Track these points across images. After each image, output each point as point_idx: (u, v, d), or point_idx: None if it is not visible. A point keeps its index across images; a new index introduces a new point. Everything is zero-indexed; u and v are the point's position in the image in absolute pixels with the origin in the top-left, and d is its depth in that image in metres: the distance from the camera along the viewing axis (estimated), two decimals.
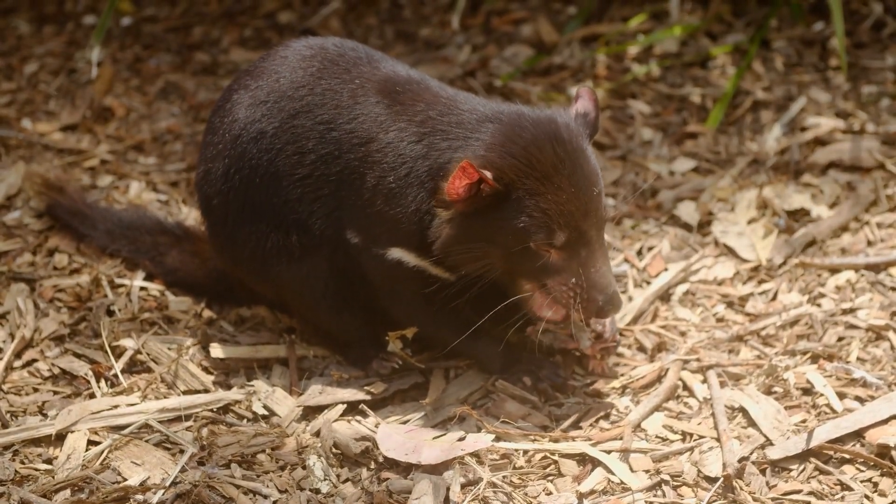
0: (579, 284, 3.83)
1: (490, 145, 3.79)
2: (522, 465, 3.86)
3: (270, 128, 4.04)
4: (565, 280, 3.84)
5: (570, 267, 3.83)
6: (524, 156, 3.76)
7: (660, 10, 5.77)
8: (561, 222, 3.77)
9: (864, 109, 5.18)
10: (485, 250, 3.84)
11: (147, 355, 4.26)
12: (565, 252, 3.81)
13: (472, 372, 4.17)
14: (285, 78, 4.07)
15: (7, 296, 4.43)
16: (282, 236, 4.06)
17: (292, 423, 4.03)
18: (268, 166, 4.04)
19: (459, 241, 3.84)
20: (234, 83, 4.19)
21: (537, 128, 3.80)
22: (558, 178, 3.76)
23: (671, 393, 4.08)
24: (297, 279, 4.10)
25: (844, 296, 4.37)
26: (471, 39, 5.80)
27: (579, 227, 3.79)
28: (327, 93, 4.03)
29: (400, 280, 4.03)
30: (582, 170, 3.79)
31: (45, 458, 3.91)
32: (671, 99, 5.38)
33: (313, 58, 4.09)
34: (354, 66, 4.06)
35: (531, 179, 3.75)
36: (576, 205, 3.77)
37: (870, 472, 3.78)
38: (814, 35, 5.58)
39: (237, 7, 6.10)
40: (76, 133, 5.35)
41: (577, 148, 3.81)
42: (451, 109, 3.91)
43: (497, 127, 3.82)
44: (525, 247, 3.80)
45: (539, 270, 3.85)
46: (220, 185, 4.11)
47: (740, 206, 4.77)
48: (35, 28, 6.01)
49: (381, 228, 3.96)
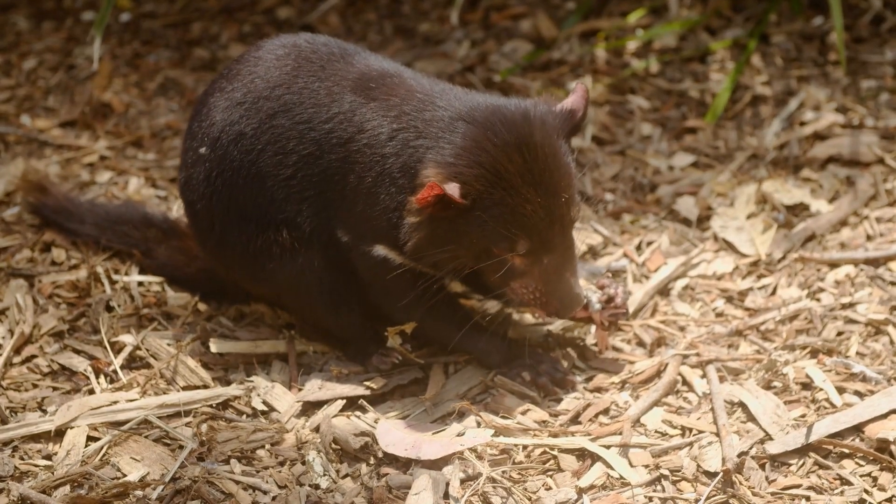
0: (538, 289, 3.86)
1: (459, 151, 3.77)
2: (522, 461, 3.86)
3: (249, 129, 4.04)
4: (526, 284, 3.87)
5: (532, 272, 3.86)
6: (491, 164, 3.74)
7: (659, 4, 5.76)
8: (524, 232, 3.78)
9: (863, 104, 5.18)
10: (454, 252, 3.84)
11: (146, 351, 4.26)
12: (528, 258, 3.84)
13: (471, 367, 4.17)
14: (261, 78, 4.06)
15: (6, 292, 4.43)
16: (272, 234, 4.05)
17: (292, 419, 4.03)
18: (250, 167, 4.03)
19: (430, 244, 3.84)
20: (209, 87, 4.19)
21: (509, 130, 3.77)
22: (525, 188, 3.76)
23: (670, 388, 4.08)
24: (292, 276, 4.09)
25: (844, 290, 4.37)
26: (470, 35, 5.79)
27: (543, 235, 3.80)
28: (304, 91, 4.02)
29: (389, 276, 4.02)
30: (551, 176, 3.78)
31: (44, 454, 3.91)
32: (670, 94, 5.38)
33: (287, 56, 4.08)
34: (329, 63, 4.05)
35: (497, 189, 3.75)
36: (541, 213, 3.78)
37: (869, 466, 3.78)
38: (813, 30, 5.58)
39: (236, 3, 6.10)
40: (75, 129, 5.35)
41: (548, 152, 3.79)
42: (425, 105, 3.89)
43: (469, 129, 3.80)
44: (486, 253, 3.82)
45: (504, 274, 3.86)
46: (202, 190, 4.11)
47: (739, 201, 4.77)
48: (34, 24, 6.00)
49: (366, 227, 3.96)
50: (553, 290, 3.87)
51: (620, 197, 4.88)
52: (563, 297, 3.88)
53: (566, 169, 3.82)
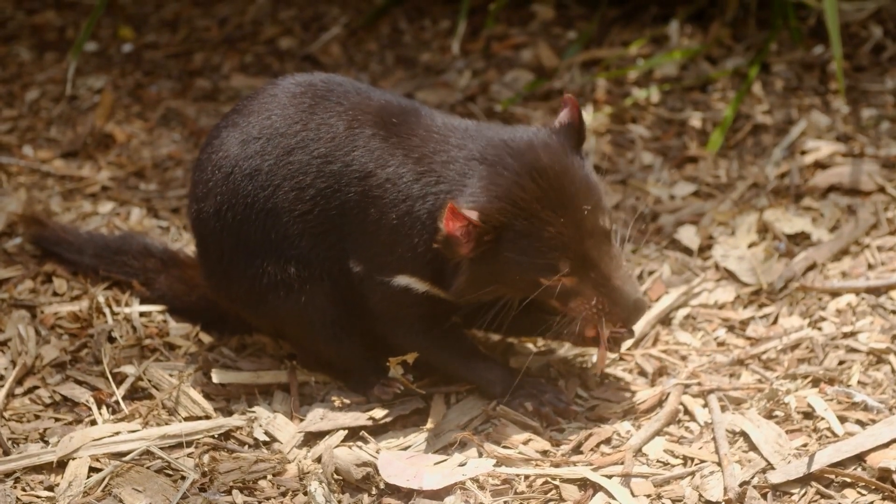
0: (600, 302, 3.87)
1: (477, 190, 3.82)
2: (524, 490, 3.85)
3: (266, 165, 4.05)
4: (586, 302, 3.88)
5: (586, 289, 3.87)
6: (508, 196, 3.79)
7: (659, 34, 5.78)
8: (559, 253, 3.80)
9: (863, 133, 5.19)
10: (500, 290, 3.88)
11: (148, 382, 4.26)
12: (576, 277, 3.84)
13: (472, 397, 4.17)
14: (277, 115, 4.08)
15: (8, 323, 4.44)
16: (279, 271, 4.06)
17: (293, 449, 4.03)
18: (264, 203, 4.05)
19: (473, 285, 3.88)
20: (221, 122, 4.20)
21: (519, 161, 3.82)
22: (545, 211, 3.79)
23: (672, 417, 4.08)
24: (294, 312, 4.10)
25: (845, 319, 4.37)
26: (471, 64, 5.81)
27: (579, 251, 3.82)
28: (322, 127, 4.04)
29: (404, 306, 4.03)
30: (568, 192, 3.82)
31: (46, 486, 3.91)
32: (671, 123, 5.39)
33: (304, 94, 4.10)
34: (346, 98, 4.07)
35: (520, 220, 3.78)
36: (570, 231, 3.80)
37: (871, 496, 3.77)
38: (813, 59, 5.59)
39: (238, 33, 6.12)
40: (77, 160, 5.36)
41: (560, 171, 3.83)
42: (442, 147, 3.93)
43: (482, 168, 3.84)
44: (533, 284, 3.85)
45: (559, 297, 3.89)
46: (212, 224, 4.12)
47: (741, 230, 4.77)
48: (36, 55, 6.03)
49: (389, 258, 3.97)
50: (613, 299, 3.87)
51: (622, 226, 4.89)
52: (624, 302, 3.87)
53: (583, 182, 3.86)
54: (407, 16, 6.16)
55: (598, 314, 3.90)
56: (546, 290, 3.87)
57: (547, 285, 3.85)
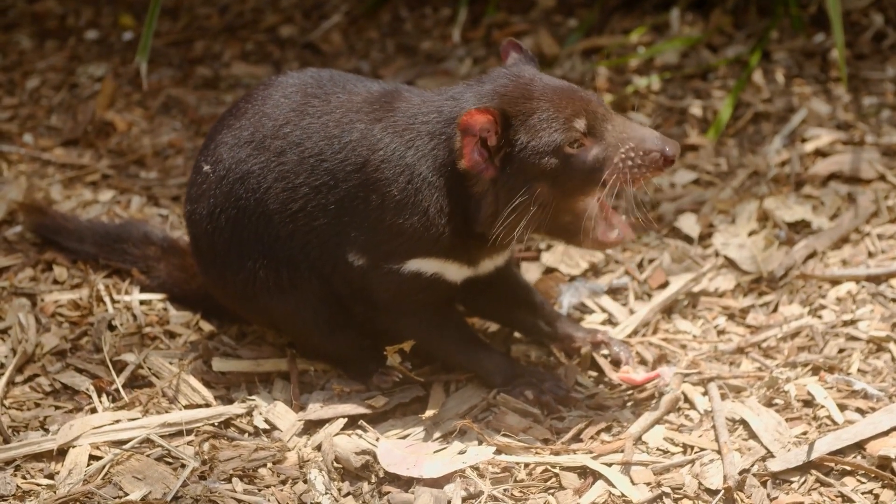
0: (630, 149, 3.86)
1: (472, 107, 3.86)
2: (523, 478, 3.86)
3: (257, 167, 4.06)
4: (616, 156, 3.86)
5: (611, 143, 3.87)
6: (503, 94, 3.87)
7: (660, 22, 5.78)
8: (570, 113, 3.84)
9: (864, 121, 5.18)
10: (531, 198, 3.86)
11: (148, 370, 4.27)
12: (595, 135, 3.86)
13: (472, 385, 4.18)
14: (268, 116, 4.09)
15: (9, 311, 4.44)
16: (271, 273, 4.08)
17: (293, 437, 4.04)
18: (256, 206, 4.06)
19: (504, 203, 3.87)
20: (218, 123, 4.22)
21: (497, 79, 3.94)
22: (539, 91, 3.87)
23: (672, 405, 4.08)
24: (288, 311, 4.14)
25: (845, 307, 4.37)
26: (472, 52, 5.81)
27: (588, 109, 3.87)
28: (312, 126, 4.05)
29: (411, 293, 4.04)
30: (554, 81, 3.92)
31: (46, 473, 3.92)
32: (672, 111, 5.38)
33: (295, 94, 4.12)
34: (333, 96, 4.09)
35: (520, 104, 3.84)
36: (570, 97, 3.87)
37: (871, 483, 3.77)
38: (814, 47, 5.58)
39: (238, 21, 6.12)
40: (78, 148, 5.36)
41: (536, 74, 3.95)
42: (423, 114, 3.96)
43: (468, 96, 3.92)
44: (562, 161, 3.84)
45: (590, 171, 3.87)
46: (205, 225, 4.14)
47: (741, 218, 4.77)
48: (37, 43, 6.02)
49: (396, 242, 3.97)
50: (641, 141, 3.86)
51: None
52: (652, 137, 3.86)
53: (562, 79, 3.97)
54: (408, 4, 6.15)
55: (634, 164, 3.86)
56: (573, 171, 3.85)
57: (573, 160, 3.84)
